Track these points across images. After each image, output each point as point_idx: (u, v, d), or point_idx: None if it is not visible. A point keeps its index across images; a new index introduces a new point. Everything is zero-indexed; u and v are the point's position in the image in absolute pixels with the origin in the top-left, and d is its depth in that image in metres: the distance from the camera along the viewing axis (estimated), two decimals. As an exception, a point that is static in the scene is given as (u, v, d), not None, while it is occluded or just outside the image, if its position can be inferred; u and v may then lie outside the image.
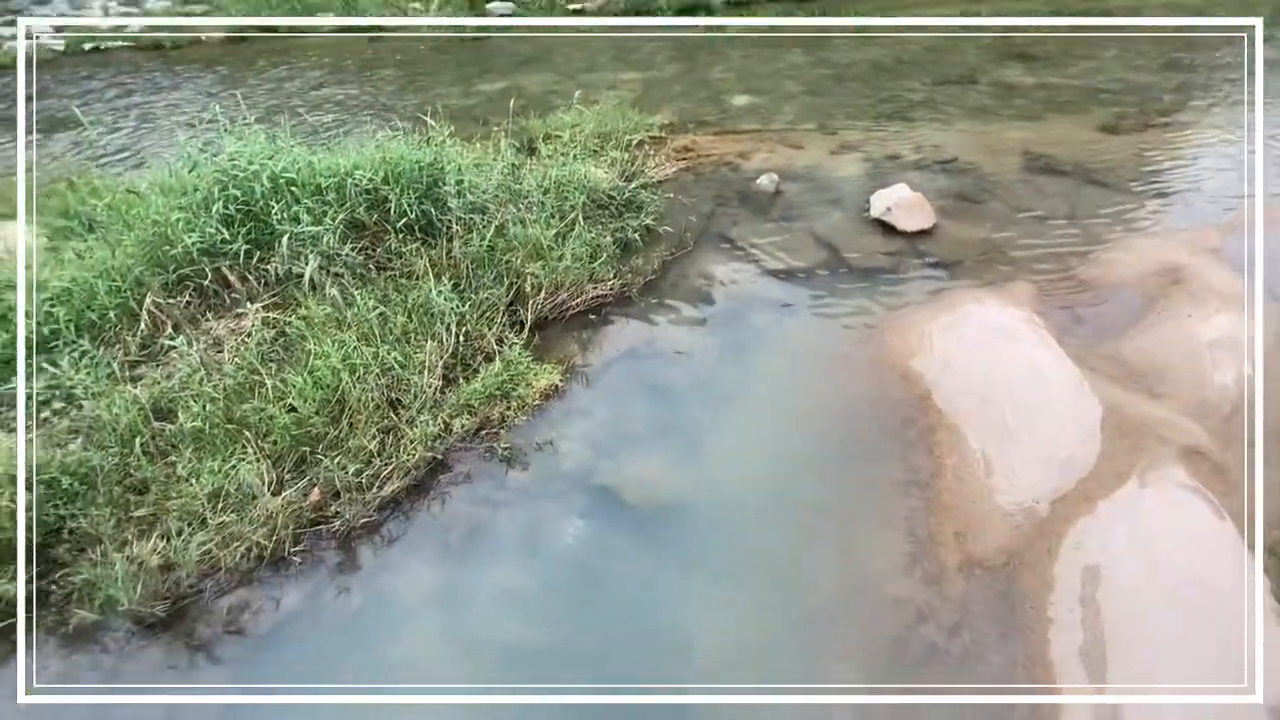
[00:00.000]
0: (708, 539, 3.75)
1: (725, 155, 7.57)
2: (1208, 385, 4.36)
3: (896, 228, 5.98)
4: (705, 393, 4.63)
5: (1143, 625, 3.16)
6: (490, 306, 4.87)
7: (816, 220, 6.33)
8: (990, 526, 3.66)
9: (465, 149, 6.22)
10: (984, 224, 6.11)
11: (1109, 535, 3.55)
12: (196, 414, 3.86)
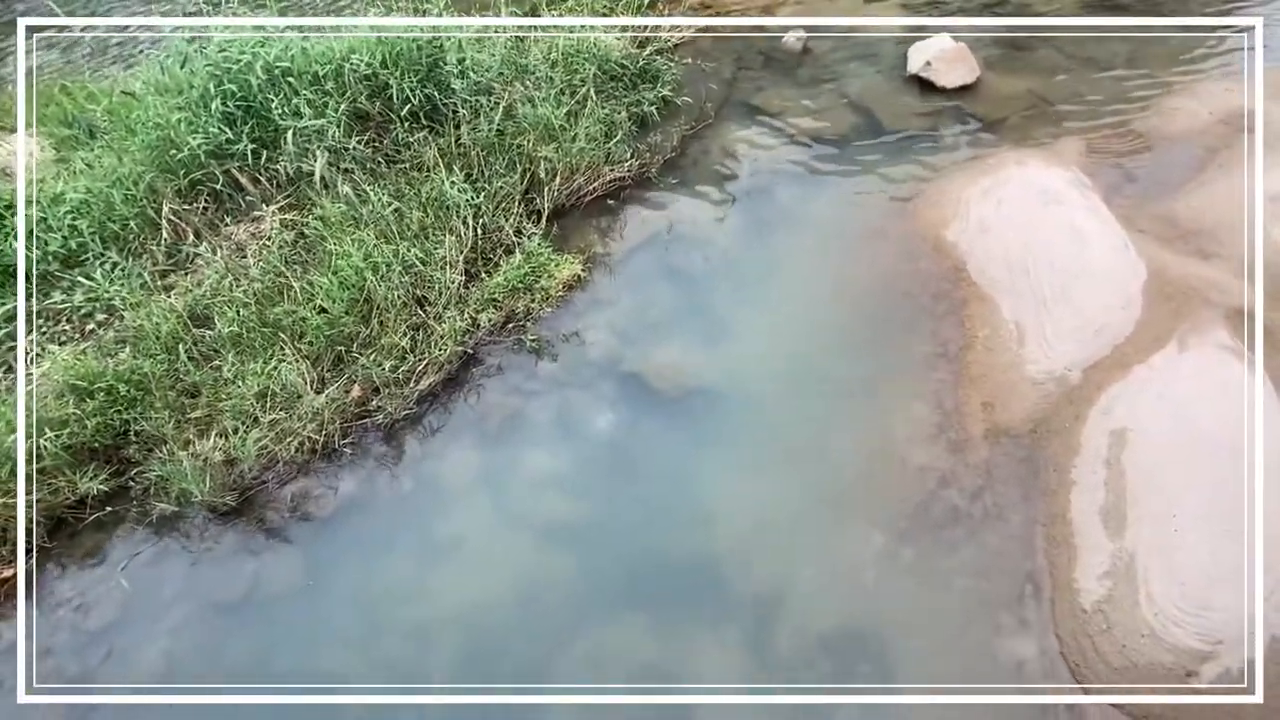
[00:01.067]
0: (736, 419, 3.85)
1: (747, 9, 6.86)
2: (1263, 243, 4.11)
3: (936, 84, 5.48)
4: (730, 276, 4.55)
5: (1167, 483, 3.22)
6: (505, 196, 4.73)
7: (848, 81, 5.83)
8: (1018, 395, 3.67)
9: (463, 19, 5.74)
10: (1032, 74, 5.56)
11: (1139, 399, 3.53)
12: (232, 319, 3.96)
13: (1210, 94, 5.13)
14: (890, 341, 4.03)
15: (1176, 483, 3.21)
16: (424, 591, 3.35)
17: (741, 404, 3.89)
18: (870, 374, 3.92)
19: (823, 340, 4.13)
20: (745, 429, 3.81)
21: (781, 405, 3.88)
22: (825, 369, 3.98)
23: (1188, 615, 2.81)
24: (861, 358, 4.00)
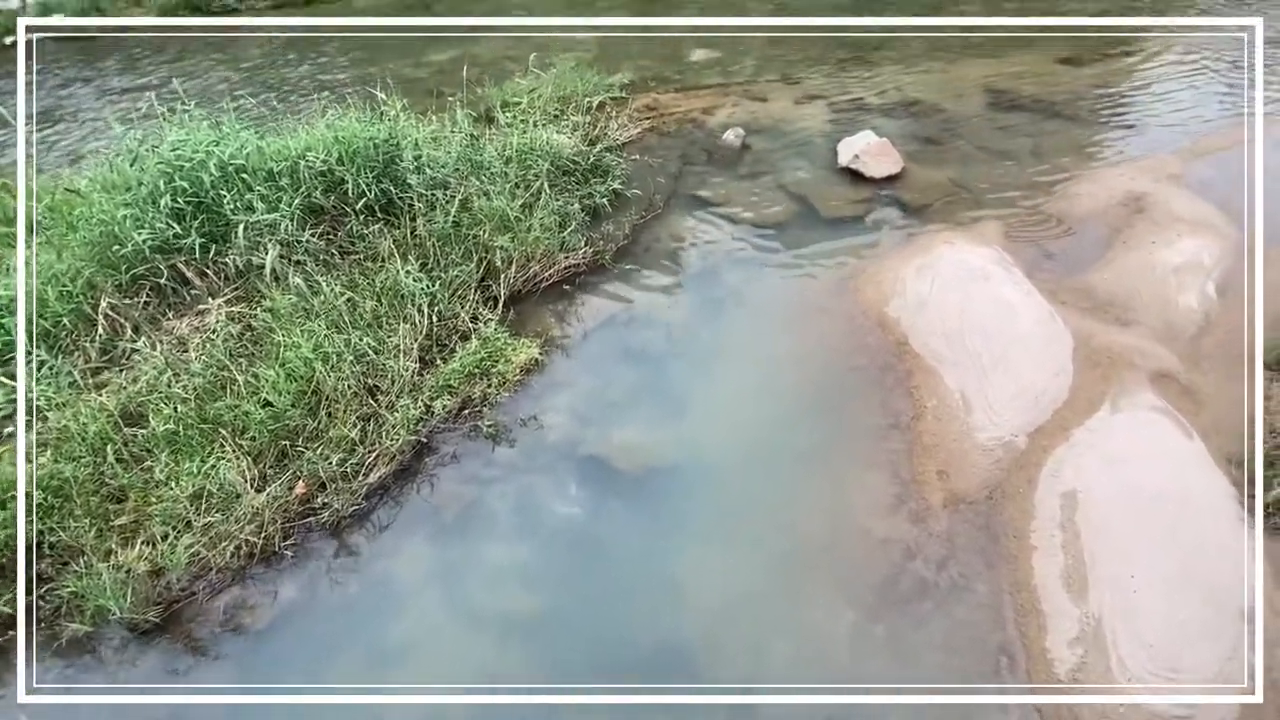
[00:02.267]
0: (698, 497, 3.79)
1: (689, 112, 7.42)
2: (1173, 308, 4.47)
3: (865, 175, 5.96)
4: (685, 354, 4.63)
5: (1119, 543, 3.29)
6: (461, 284, 4.77)
7: (785, 173, 6.27)
8: (971, 463, 3.76)
9: (420, 122, 6.00)
10: (951, 165, 6.12)
11: (1084, 461, 3.66)
12: (168, 416, 3.76)
13: (1106, 180, 5.73)
14: (843, 413, 4.12)
15: (1127, 541, 3.29)
16: (368, 711, 3.05)
17: (703, 481, 3.86)
18: (827, 446, 3.96)
19: (779, 414, 4.19)
20: (708, 507, 3.75)
21: (743, 481, 3.86)
22: (783, 442, 4.01)
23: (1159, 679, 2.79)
24: (817, 430, 4.06)
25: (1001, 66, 7.72)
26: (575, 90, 7.30)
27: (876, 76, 7.78)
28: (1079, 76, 7.39)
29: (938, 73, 7.74)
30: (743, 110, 7.35)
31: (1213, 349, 4.23)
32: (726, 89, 7.85)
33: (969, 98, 7.14)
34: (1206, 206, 5.28)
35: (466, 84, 7.16)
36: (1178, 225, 5.08)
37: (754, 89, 7.79)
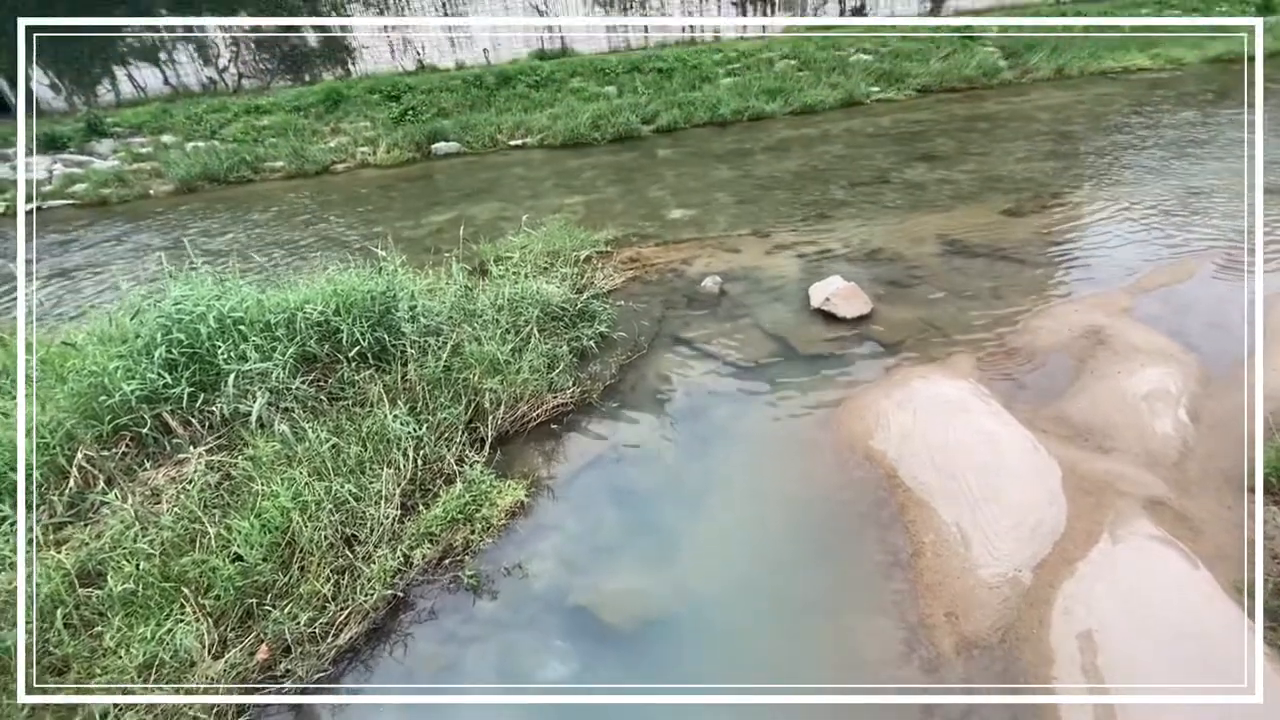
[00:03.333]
0: (695, 652, 3.52)
1: (670, 263, 7.96)
2: (1150, 435, 4.55)
3: (837, 315, 6.29)
4: (675, 494, 4.54)
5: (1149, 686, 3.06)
6: (449, 426, 4.78)
7: (762, 315, 6.61)
8: (979, 602, 3.59)
9: (418, 275, 6.37)
10: (917, 305, 6.50)
11: (1095, 596, 3.51)
12: (128, 575, 3.53)
13: (1063, 315, 6.09)
14: (841, 552, 3.98)
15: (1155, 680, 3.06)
16: None
17: (700, 634, 3.61)
18: (828, 588, 3.78)
19: (775, 555, 4.04)
20: (707, 664, 3.47)
21: (742, 632, 3.61)
22: (783, 586, 3.82)
23: None
24: (817, 571, 3.89)
25: (951, 219, 8.51)
26: (564, 245, 7.87)
27: (839, 229, 8.51)
28: (1022, 225, 8.14)
29: (894, 225, 8.49)
30: (719, 260, 7.91)
31: (1198, 475, 4.25)
32: (703, 242, 8.51)
33: (925, 245, 7.78)
34: (1160, 337, 5.59)
35: (463, 241, 7.71)
36: (1138, 355, 5.33)
37: (728, 242, 8.45)
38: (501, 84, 16.44)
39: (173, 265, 5.50)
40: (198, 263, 5.50)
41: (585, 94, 16.06)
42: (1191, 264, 6.90)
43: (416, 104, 15.53)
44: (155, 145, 14.43)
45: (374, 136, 14.65)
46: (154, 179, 13.41)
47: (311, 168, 13.50)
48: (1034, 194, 9.12)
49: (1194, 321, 5.85)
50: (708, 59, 17.16)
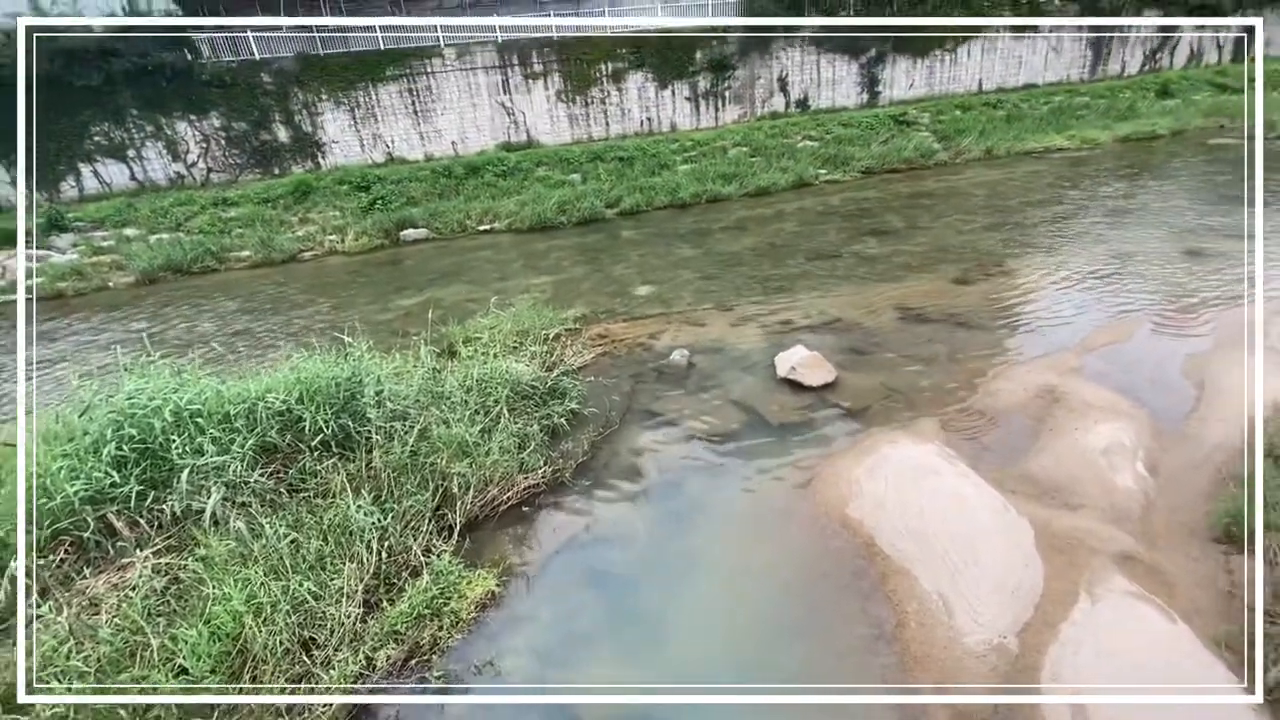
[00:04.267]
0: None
1: (637, 338, 8.08)
2: (1113, 490, 4.65)
3: (803, 384, 6.41)
4: (653, 574, 4.41)
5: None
6: (415, 515, 4.61)
7: (731, 386, 6.70)
8: (969, 673, 3.50)
9: (384, 360, 6.32)
10: (878, 371, 6.69)
11: (1081, 661, 3.46)
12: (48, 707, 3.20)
13: (1019, 376, 6.33)
14: (825, 626, 3.88)
15: (1155, 754, 2.98)
16: None
17: None
18: (815, 666, 3.64)
19: (759, 632, 3.90)
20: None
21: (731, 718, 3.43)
22: (769, 666, 3.68)
23: None
24: (802, 647, 3.77)
25: (905, 288, 8.91)
26: (533, 324, 7.95)
27: (799, 301, 8.82)
28: (971, 293, 8.57)
29: (851, 295, 8.84)
30: (685, 334, 8.07)
31: (1163, 528, 4.33)
32: (669, 317, 8.70)
33: (882, 314, 8.09)
34: (1110, 393, 5.83)
35: (431, 323, 7.73)
36: (1092, 412, 5.53)
37: (694, 316, 8.65)
38: (470, 173, 17.07)
39: (129, 357, 5.35)
40: (154, 355, 5.36)
41: (551, 181, 16.74)
42: (1130, 324, 7.31)
43: (385, 193, 15.93)
44: (117, 238, 14.36)
45: (342, 225, 14.87)
46: (114, 271, 13.25)
47: (278, 256, 13.55)
48: (979, 263, 9.66)
49: (1138, 378, 6.14)
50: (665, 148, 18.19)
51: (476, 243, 13.96)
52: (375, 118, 17.94)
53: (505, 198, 16.00)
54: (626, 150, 18.04)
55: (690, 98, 20.22)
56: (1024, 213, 12.21)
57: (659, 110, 20.12)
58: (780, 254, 11.05)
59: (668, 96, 20.00)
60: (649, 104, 19.96)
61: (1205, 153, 16.05)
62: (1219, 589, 3.83)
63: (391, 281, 11.64)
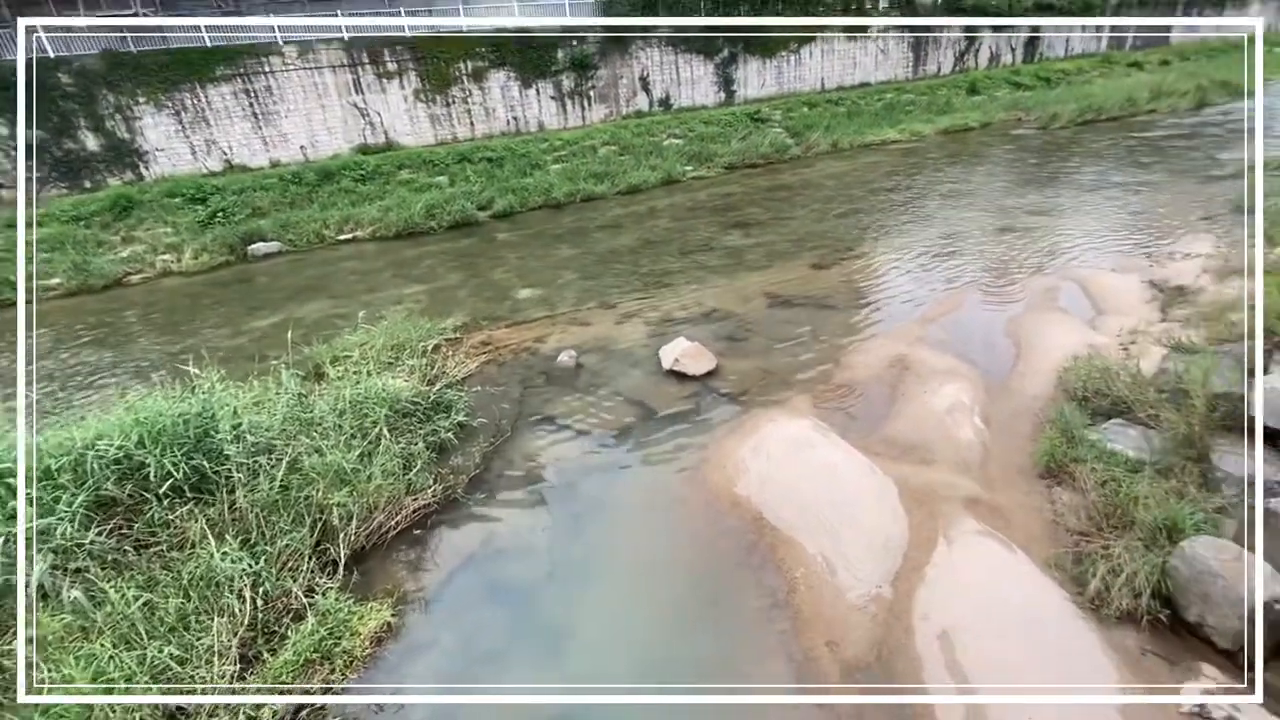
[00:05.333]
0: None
1: (523, 342, 7.97)
2: (958, 443, 5.28)
3: (687, 374, 6.66)
4: (556, 579, 4.40)
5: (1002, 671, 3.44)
6: (293, 554, 4.26)
7: (619, 382, 6.80)
8: (853, 626, 3.83)
9: (241, 389, 5.74)
10: (754, 356, 7.09)
11: (943, 597, 3.91)
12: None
13: (873, 349, 6.98)
14: (725, 603, 4.07)
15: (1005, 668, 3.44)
16: None
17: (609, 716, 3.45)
18: (719, 644, 3.82)
19: (664, 622, 4.02)
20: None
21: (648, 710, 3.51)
22: (676, 653, 3.80)
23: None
24: (705, 629, 3.93)
25: (770, 276, 9.50)
26: (409, 336, 7.57)
27: (678, 295, 9.12)
28: (829, 276, 9.30)
29: (724, 286, 9.28)
30: (571, 335, 8.07)
31: (997, 471, 4.99)
32: (553, 319, 8.65)
33: (753, 302, 8.58)
34: (948, 358, 6.60)
35: (291, 345, 7.13)
36: (936, 376, 6.23)
37: (578, 316, 8.67)
38: (324, 179, 15.86)
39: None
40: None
41: (416, 185, 15.97)
42: (961, 295, 8.30)
43: (227, 205, 14.38)
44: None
45: (177, 242, 13.24)
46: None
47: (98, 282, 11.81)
48: (834, 249, 10.51)
49: (971, 342, 7.00)
50: (535, 147, 17.98)
51: (338, 253, 13.03)
52: (207, 122, 16.12)
53: (366, 204, 15.06)
54: (495, 151, 17.63)
55: (556, 97, 20.13)
56: (868, 200, 13.43)
57: (525, 109, 19.84)
58: (656, 250, 11.34)
59: (532, 96, 19.78)
60: (514, 103, 19.62)
61: (1009, 142, 18.52)
62: (1045, 519, 4.49)
63: (242, 302, 10.57)
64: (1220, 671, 3.31)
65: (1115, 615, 3.64)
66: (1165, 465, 4.44)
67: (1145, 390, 5.19)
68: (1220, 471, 4.28)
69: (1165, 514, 3.95)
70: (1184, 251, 8.77)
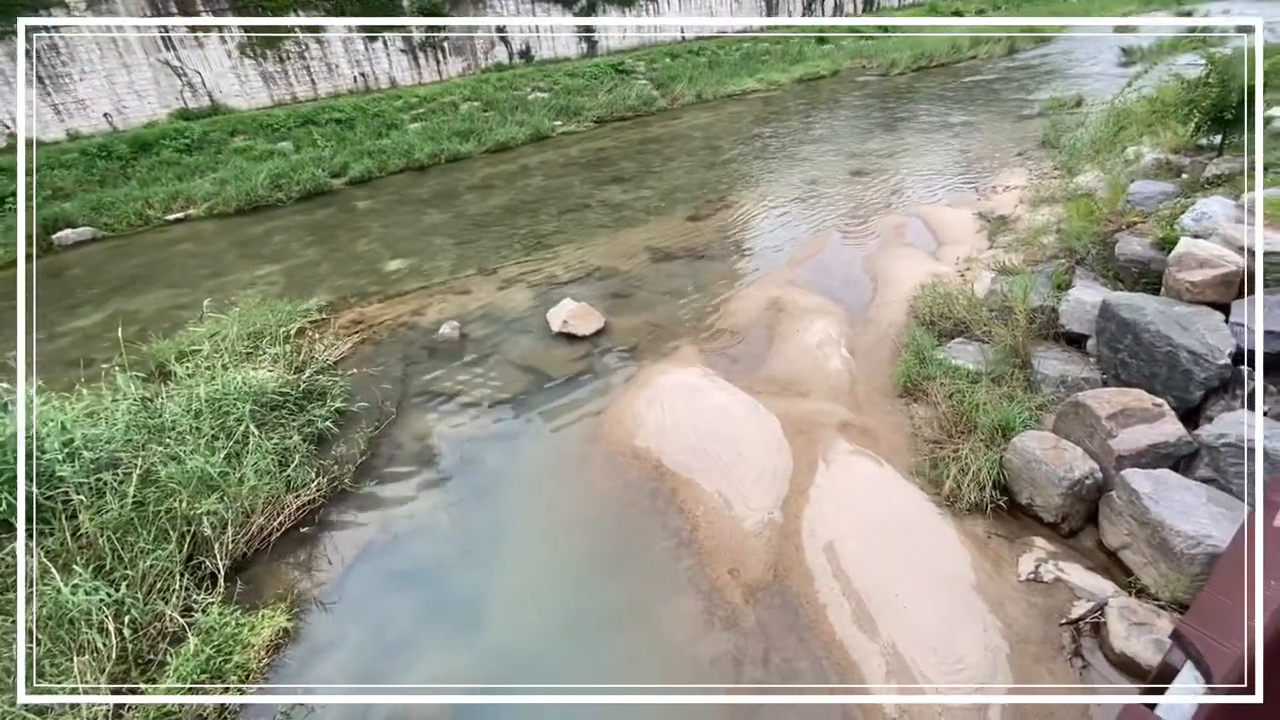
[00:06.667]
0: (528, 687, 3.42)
1: (399, 318, 7.54)
2: (829, 374, 5.74)
3: (577, 334, 6.65)
4: (465, 556, 4.33)
5: (878, 571, 3.87)
6: (160, 573, 3.85)
7: (508, 349, 6.67)
8: (750, 551, 4.13)
9: (66, 401, 4.99)
10: (640, 311, 7.21)
11: (826, 513, 4.31)
12: None
13: (750, 295, 7.33)
14: (634, 551, 4.23)
15: (883, 568, 3.89)
16: None
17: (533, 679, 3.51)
18: (634, 591, 3.98)
19: (577, 579, 4.11)
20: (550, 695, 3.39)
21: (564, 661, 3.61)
22: (591, 608, 3.91)
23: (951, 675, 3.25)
24: (616, 579, 4.07)
25: (650, 230, 9.60)
26: (267, 322, 6.92)
27: (560, 255, 8.98)
28: (705, 228, 9.56)
29: (605, 243, 9.27)
30: (451, 305, 7.74)
31: (864, 395, 5.49)
32: (430, 290, 8.24)
33: (635, 258, 8.65)
34: (817, 297, 7.09)
35: (125, 344, 6.27)
36: (807, 315, 6.68)
37: (456, 285, 8.31)
38: (139, 151, 13.71)
39: None
40: None
41: (254, 153, 14.25)
42: (824, 237, 8.87)
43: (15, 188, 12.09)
44: None
45: (-52, 235, 10.99)
46: None
47: None
48: (707, 200, 10.78)
49: (835, 281, 7.54)
50: (389, 105, 16.61)
51: (168, 236, 11.48)
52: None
53: (196, 177, 13.31)
54: (343, 110, 16.11)
55: (406, 50, 18.60)
56: (735, 150, 13.84)
57: (373, 65, 18.18)
58: (533, 209, 11.04)
59: (380, 50, 18.14)
60: (359, 58, 17.90)
61: (857, 89, 19.69)
62: (906, 432, 5.03)
63: (54, 300, 9.08)
64: (1047, 541, 3.96)
65: (966, 508, 4.21)
66: (998, 374, 5.10)
67: (979, 310, 5.89)
68: (1039, 374, 5.00)
69: (1000, 416, 4.57)
70: (1004, 185, 9.91)
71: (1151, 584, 3.48)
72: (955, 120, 14.55)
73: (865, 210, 9.72)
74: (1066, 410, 4.34)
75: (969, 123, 14.17)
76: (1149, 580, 3.50)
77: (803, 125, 15.66)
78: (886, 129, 14.48)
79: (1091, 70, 17.94)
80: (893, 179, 11.05)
